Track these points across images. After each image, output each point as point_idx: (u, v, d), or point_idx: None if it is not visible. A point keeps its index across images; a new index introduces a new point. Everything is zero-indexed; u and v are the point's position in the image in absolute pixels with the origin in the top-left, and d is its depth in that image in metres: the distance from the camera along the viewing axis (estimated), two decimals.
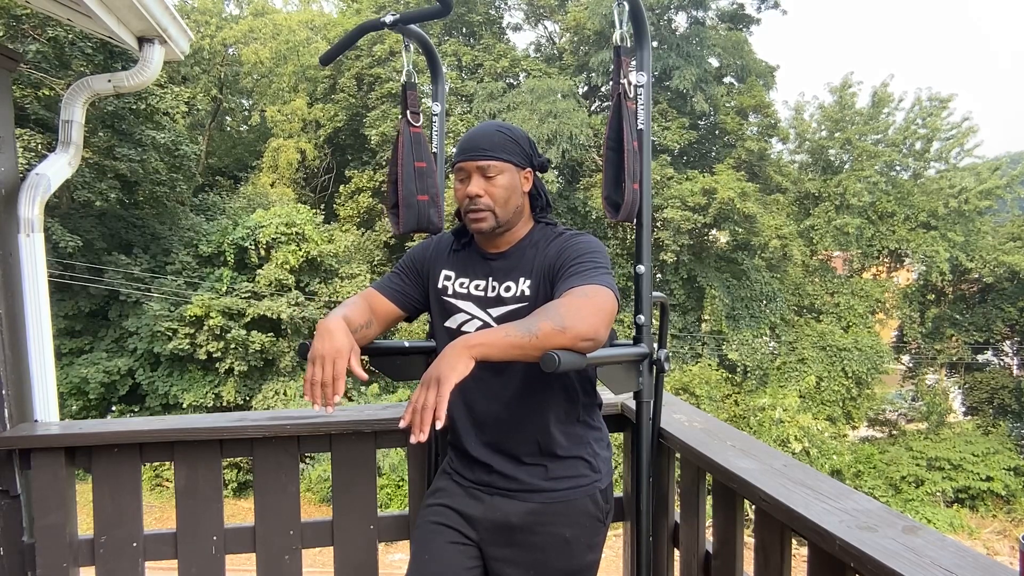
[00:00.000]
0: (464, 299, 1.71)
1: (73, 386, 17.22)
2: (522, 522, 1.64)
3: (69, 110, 2.20)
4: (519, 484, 1.65)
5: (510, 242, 1.70)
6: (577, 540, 1.65)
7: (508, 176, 1.64)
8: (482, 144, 1.64)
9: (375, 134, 22.77)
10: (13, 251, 2.01)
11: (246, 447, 2.00)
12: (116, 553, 1.95)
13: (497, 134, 1.66)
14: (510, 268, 1.68)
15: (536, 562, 1.64)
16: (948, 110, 23.39)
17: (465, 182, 1.65)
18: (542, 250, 1.67)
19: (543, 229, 1.72)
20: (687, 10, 23.42)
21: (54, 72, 16.01)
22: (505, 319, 1.62)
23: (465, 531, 1.69)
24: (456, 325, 1.70)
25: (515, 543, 1.65)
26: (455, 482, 1.75)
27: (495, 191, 1.63)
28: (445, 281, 1.75)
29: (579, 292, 1.47)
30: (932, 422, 21.83)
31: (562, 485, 1.65)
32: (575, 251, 1.60)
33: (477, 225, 1.65)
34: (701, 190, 20.29)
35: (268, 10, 30.27)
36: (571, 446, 1.66)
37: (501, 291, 1.67)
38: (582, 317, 1.40)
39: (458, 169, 1.66)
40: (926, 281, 23.13)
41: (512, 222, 1.68)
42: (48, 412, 2.09)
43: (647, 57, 1.81)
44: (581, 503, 1.66)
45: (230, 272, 18.43)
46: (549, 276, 1.61)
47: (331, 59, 2.17)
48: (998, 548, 17.26)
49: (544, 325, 1.36)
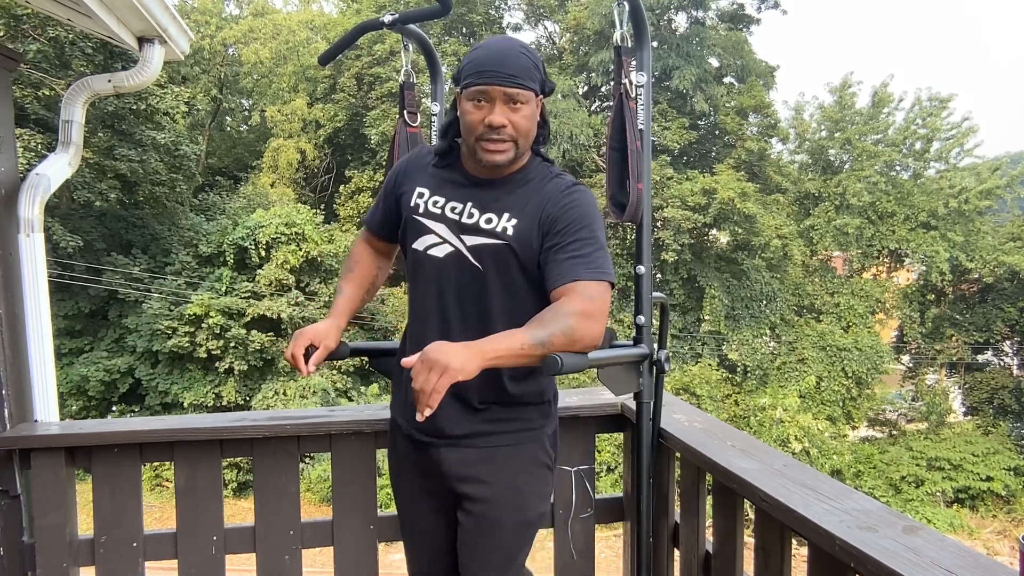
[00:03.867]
0: (436, 220, 1.59)
1: (73, 386, 17.22)
2: (471, 471, 1.61)
3: (69, 110, 2.20)
4: (466, 429, 1.60)
5: (501, 172, 1.57)
6: (528, 488, 1.63)
7: (532, 106, 1.51)
8: (511, 69, 1.46)
9: (375, 134, 22.77)
10: (13, 251, 2.01)
11: (246, 447, 2.00)
12: (116, 553, 1.95)
13: (523, 57, 1.49)
14: (497, 200, 1.57)
15: (488, 514, 1.61)
16: (948, 110, 23.39)
17: (484, 108, 1.47)
18: (536, 191, 1.57)
19: (539, 165, 1.61)
20: (687, 10, 23.42)
21: (54, 72, 16.01)
22: (479, 251, 1.55)
23: (431, 487, 1.69)
24: (423, 247, 1.60)
25: (466, 494, 1.62)
26: (402, 435, 1.71)
27: (521, 122, 1.49)
28: (418, 199, 1.63)
29: (586, 296, 1.45)
30: (932, 422, 21.82)
31: (510, 428, 1.61)
32: (578, 220, 1.52)
33: (494, 157, 1.50)
34: (701, 190, 20.29)
35: (268, 10, 30.28)
36: (522, 392, 1.61)
37: (481, 221, 1.55)
38: (589, 327, 1.43)
39: (479, 92, 1.47)
40: (926, 281, 23.12)
41: (523, 154, 1.57)
42: (48, 412, 2.09)
43: (647, 57, 1.81)
44: (528, 449, 1.63)
45: (230, 272, 18.43)
46: (543, 229, 1.53)
47: (330, 59, 2.17)
48: (998, 548, 17.25)
49: (556, 340, 1.38)
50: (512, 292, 1.57)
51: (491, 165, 1.52)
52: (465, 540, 1.64)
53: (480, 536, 1.62)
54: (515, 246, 1.54)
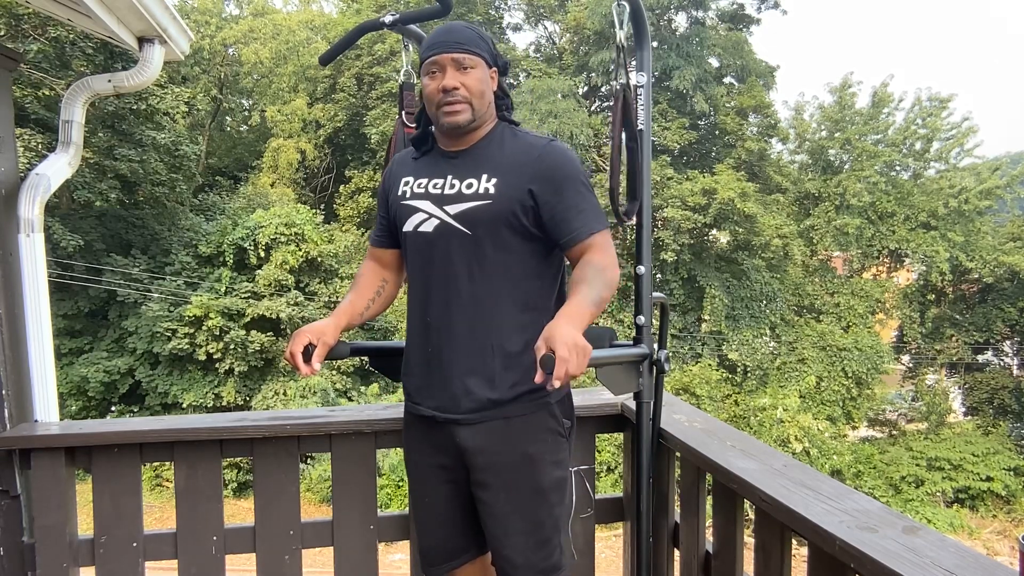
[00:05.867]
0: (421, 198, 1.67)
1: (73, 386, 17.21)
2: (484, 443, 1.64)
3: (69, 110, 2.20)
4: (482, 403, 1.63)
5: (472, 140, 1.66)
6: (540, 454, 1.66)
7: (481, 71, 1.61)
8: (456, 38, 1.60)
9: (375, 134, 22.76)
10: (13, 251, 2.01)
11: (246, 447, 2.00)
12: (116, 553, 1.95)
13: (467, 30, 1.63)
14: (472, 164, 1.64)
15: (505, 484, 1.64)
16: (948, 110, 23.38)
17: (437, 76, 1.60)
18: (511, 149, 1.64)
19: (505, 127, 1.69)
20: (687, 10, 23.42)
21: (54, 72, 16.00)
22: (465, 217, 1.61)
23: (443, 462, 1.71)
24: (413, 227, 1.68)
25: (481, 466, 1.65)
26: (415, 415, 1.75)
27: (472, 84, 1.59)
28: (404, 187, 1.71)
29: (605, 246, 1.60)
30: (932, 422, 21.80)
31: (522, 399, 1.64)
32: (573, 174, 1.62)
33: (453, 119, 1.59)
34: (701, 190, 20.29)
35: (268, 10, 30.28)
36: (531, 363, 1.62)
37: (462, 187, 1.62)
38: (616, 273, 1.62)
39: (430, 63, 1.60)
40: (926, 281, 23.11)
41: (484, 118, 1.64)
42: (48, 412, 2.09)
43: (647, 57, 1.81)
44: (539, 418, 1.67)
45: (229, 272, 18.41)
46: (534, 183, 1.59)
47: (330, 59, 2.17)
48: (998, 548, 17.25)
49: (604, 294, 1.53)
50: (506, 249, 1.62)
51: (452, 126, 1.61)
52: (486, 512, 1.67)
53: (499, 505, 1.65)
54: (500, 203, 1.60)
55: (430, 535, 1.79)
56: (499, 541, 1.66)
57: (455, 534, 1.77)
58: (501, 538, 1.66)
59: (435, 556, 1.79)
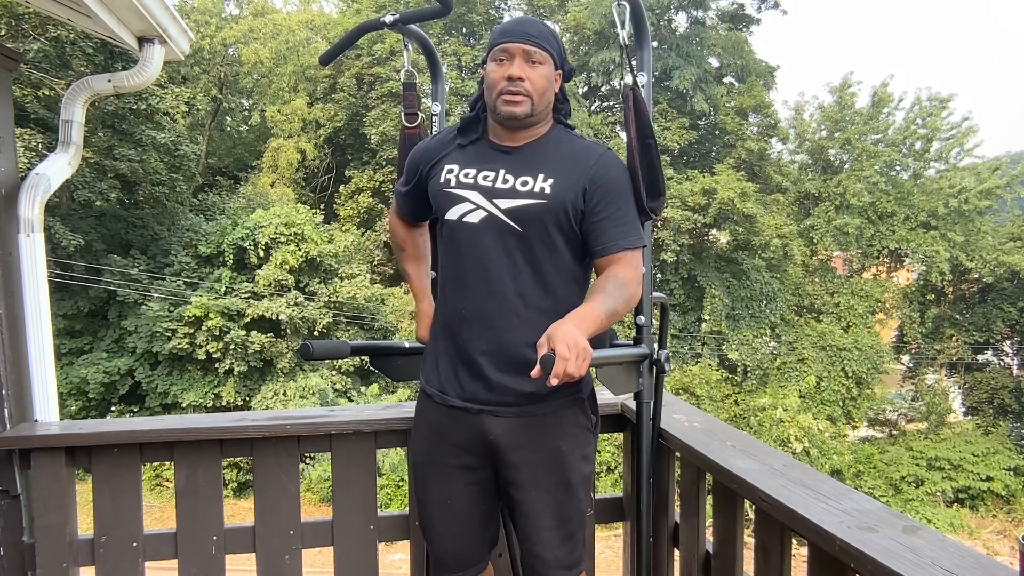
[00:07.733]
0: (469, 189, 1.64)
1: (73, 386, 17.20)
2: (516, 438, 1.64)
3: (69, 110, 2.20)
4: (515, 397, 1.62)
5: (529, 137, 1.66)
6: (569, 449, 1.66)
7: (548, 68, 1.61)
8: (530, 30, 1.60)
9: (375, 134, 22.76)
10: (13, 251, 2.01)
11: (246, 447, 2.00)
12: (116, 553, 1.95)
13: (543, 26, 1.64)
14: (528, 163, 1.63)
15: (537, 480, 1.64)
16: (948, 110, 23.41)
17: (505, 64, 1.59)
18: (568, 152, 1.64)
19: (564, 131, 1.70)
20: (687, 10, 23.43)
21: (54, 72, 16.00)
22: (515, 214, 1.60)
23: (468, 462, 1.69)
24: (457, 216, 1.65)
25: (513, 463, 1.65)
26: (438, 407, 1.71)
27: (537, 79, 1.59)
28: (448, 175, 1.68)
29: (634, 264, 1.61)
30: (932, 422, 21.81)
31: (553, 395, 1.62)
32: (620, 187, 1.63)
33: (512, 108, 1.58)
34: (701, 190, 20.29)
35: (268, 10, 30.25)
36: None
37: (516, 184, 1.61)
38: (637, 293, 1.62)
39: (500, 50, 1.60)
40: (926, 281, 23.12)
41: (542, 116, 1.64)
42: (48, 412, 2.08)
43: (647, 57, 1.81)
44: (570, 413, 1.67)
45: (229, 272, 18.40)
46: (586, 189, 1.60)
47: (331, 59, 2.17)
48: (998, 548, 17.25)
49: (620, 308, 1.54)
50: (552, 249, 1.62)
51: (508, 116, 1.59)
52: (517, 509, 1.67)
53: (531, 502, 1.65)
54: (554, 204, 1.60)
55: (450, 540, 1.74)
56: (529, 538, 1.66)
57: (474, 541, 1.75)
58: (532, 535, 1.66)
59: (453, 562, 1.75)
